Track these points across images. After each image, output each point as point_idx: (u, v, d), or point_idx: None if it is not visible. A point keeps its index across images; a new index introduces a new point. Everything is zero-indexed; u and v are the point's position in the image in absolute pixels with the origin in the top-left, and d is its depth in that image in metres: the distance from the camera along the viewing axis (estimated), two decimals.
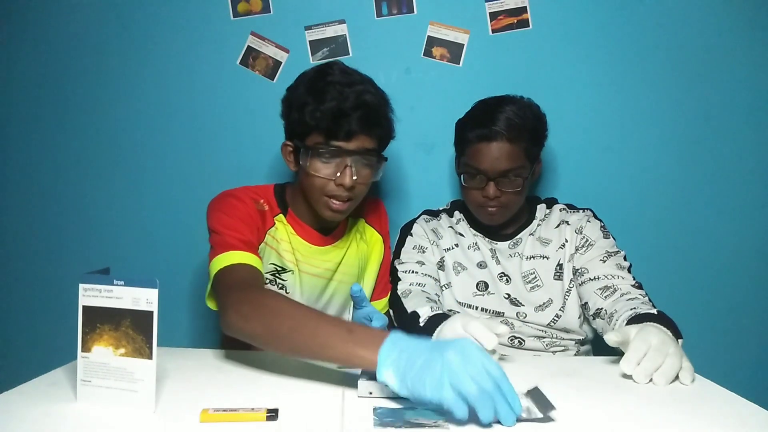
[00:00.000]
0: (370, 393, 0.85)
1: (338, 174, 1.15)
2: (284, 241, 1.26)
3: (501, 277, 1.37)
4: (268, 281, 1.24)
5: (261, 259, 1.17)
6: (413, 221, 1.45)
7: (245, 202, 1.21)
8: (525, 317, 1.34)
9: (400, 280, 1.33)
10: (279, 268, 1.26)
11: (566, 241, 1.35)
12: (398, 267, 1.36)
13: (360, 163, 1.17)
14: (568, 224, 1.37)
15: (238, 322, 0.95)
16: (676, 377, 0.91)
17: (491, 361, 0.75)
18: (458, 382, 0.71)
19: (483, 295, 1.36)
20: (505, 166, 1.27)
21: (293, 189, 1.30)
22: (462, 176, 1.33)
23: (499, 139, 1.26)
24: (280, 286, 1.26)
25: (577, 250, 1.34)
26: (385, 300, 1.38)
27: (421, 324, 1.14)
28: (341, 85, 1.13)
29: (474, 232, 1.42)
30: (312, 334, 0.87)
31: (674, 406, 0.83)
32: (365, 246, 1.37)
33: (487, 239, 1.40)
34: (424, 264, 1.37)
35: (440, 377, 0.72)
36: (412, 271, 1.34)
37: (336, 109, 1.12)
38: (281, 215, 1.28)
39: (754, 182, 1.60)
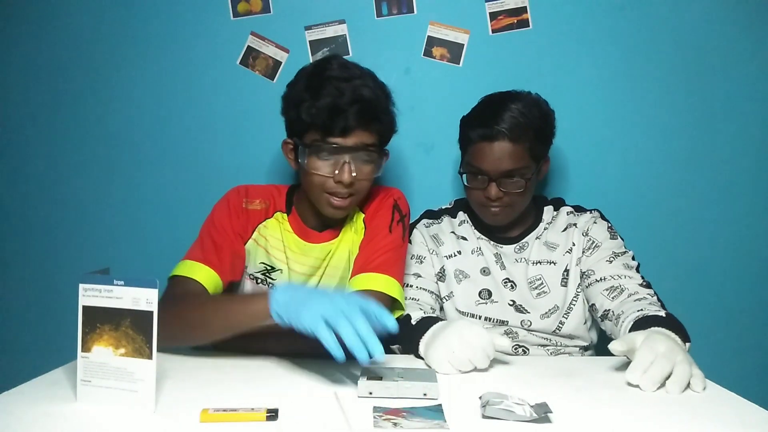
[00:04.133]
0: (370, 393, 0.85)
1: (336, 171, 1.13)
2: (275, 238, 1.26)
3: (506, 283, 1.34)
4: (258, 281, 1.26)
5: (229, 265, 1.20)
6: (412, 226, 1.41)
7: (233, 202, 1.25)
8: (530, 325, 1.31)
9: None
10: (268, 267, 1.26)
11: (573, 244, 1.33)
12: None
13: (359, 159, 1.14)
14: (576, 227, 1.34)
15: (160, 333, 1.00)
16: (688, 384, 0.89)
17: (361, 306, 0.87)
18: (332, 318, 0.84)
19: (486, 303, 1.33)
20: (507, 166, 1.24)
21: (300, 188, 1.29)
22: (464, 176, 1.31)
23: (501, 139, 1.23)
24: (270, 285, 1.26)
25: (583, 252, 1.32)
26: (370, 278, 1.17)
27: (413, 323, 1.12)
28: (338, 80, 1.12)
29: (478, 234, 1.38)
30: (216, 312, 1.00)
31: (674, 408, 0.83)
32: (355, 236, 1.29)
33: (492, 243, 1.37)
34: (420, 276, 1.33)
35: (316, 312, 0.85)
36: (407, 285, 1.30)
37: (331, 105, 1.10)
38: (282, 213, 1.28)
39: (764, 183, 1.59)
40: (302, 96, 1.13)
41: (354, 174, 1.13)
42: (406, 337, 1.11)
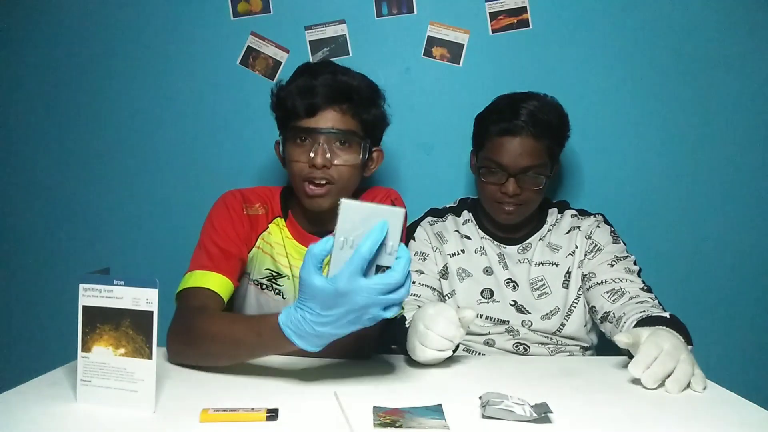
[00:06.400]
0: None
1: (312, 155, 1.12)
2: (278, 244, 1.25)
3: (508, 283, 1.34)
4: (264, 287, 1.25)
5: (238, 270, 1.18)
6: (417, 223, 1.41)
7: (233, 207, 1.22)
8: (531, 325, 1.32)
9: None
10: (275, 274, 1.25)
11: (576, 247, 1.34)
12: None
13: (335, 144, 1.14)
14: (579, 230, 1.35)
15: (176, 353, 1.01)
16: (688, 384, 0.89)
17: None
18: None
19: (488, 302, 1.34)
20: (527, 162, 1.25)
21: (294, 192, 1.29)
22: (480, 170, 1.31)
23: (524, 134, 1.25)
24: (276, 291, 1.25)
25: (586, 255, 1.32)
26: None
27: (407, 326, 1.11)
28: (316, 69, 1.15)
29: (482, 234, 1.39)
30: (237, 347, 0.93)
31: (674, 408, 0.83)
32: None
33: (495, 243, 1.38)
34: (423, 273, 1.33)
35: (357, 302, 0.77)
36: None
37: (301, 85, 1.13)
38: (280, 219, 1.27)
39: None
40: (281, 85, 1.18)
41: (328, 156, 1.13)
42: (402, 338, 1.11)
